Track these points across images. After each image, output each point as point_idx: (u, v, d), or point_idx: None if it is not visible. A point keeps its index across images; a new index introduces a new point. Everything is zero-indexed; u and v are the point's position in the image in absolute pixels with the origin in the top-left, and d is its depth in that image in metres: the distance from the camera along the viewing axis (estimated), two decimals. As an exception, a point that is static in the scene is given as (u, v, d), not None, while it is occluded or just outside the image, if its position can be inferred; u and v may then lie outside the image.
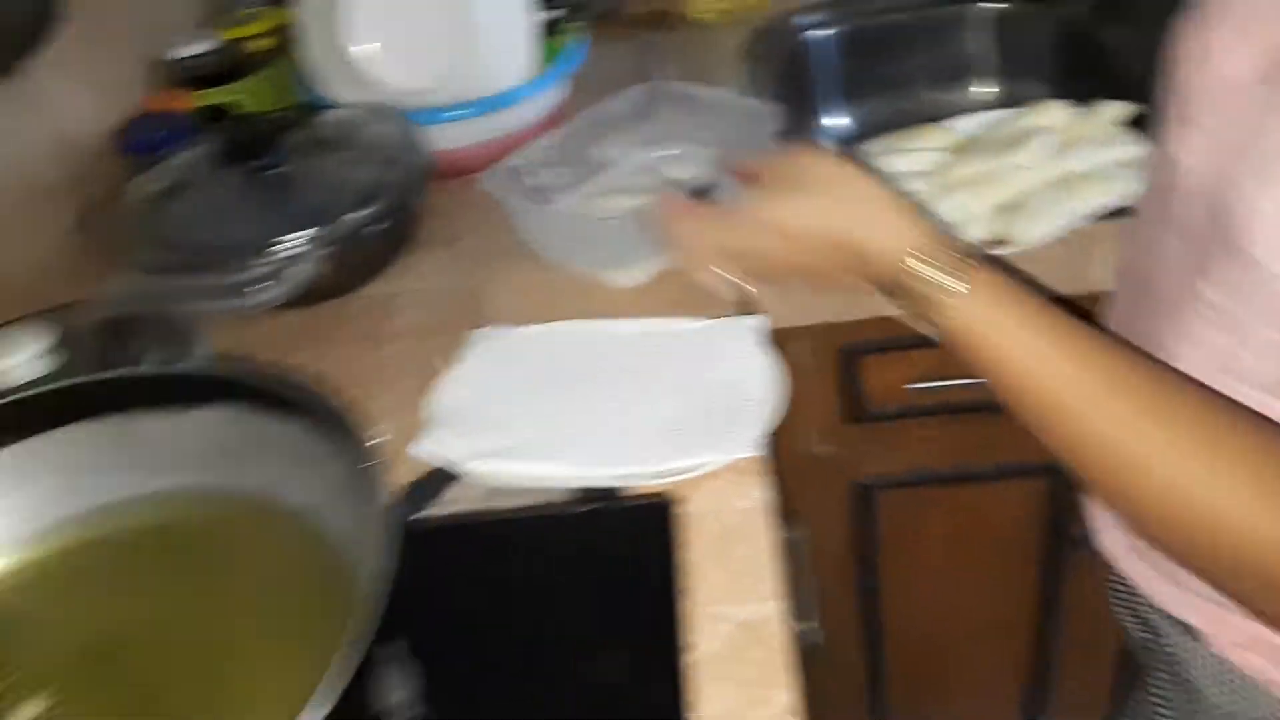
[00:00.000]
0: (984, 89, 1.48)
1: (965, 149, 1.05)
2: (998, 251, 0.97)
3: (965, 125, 1.09)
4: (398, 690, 0.58)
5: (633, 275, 1.02)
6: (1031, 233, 0.94)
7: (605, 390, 0.89)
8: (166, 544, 0.61)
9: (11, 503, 0.61)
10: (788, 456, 0.87)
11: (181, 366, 0.61)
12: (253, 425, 0.59)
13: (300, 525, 0.58)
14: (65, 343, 0.82)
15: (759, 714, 0.67)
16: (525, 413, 0.88)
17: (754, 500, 0.81)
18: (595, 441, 0.84)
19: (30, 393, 0.61)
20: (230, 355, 0.84)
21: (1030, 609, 1.39)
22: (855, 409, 1.20)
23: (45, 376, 0.80)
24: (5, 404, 0.62)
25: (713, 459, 0.81)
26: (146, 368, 0.62)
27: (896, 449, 1.25)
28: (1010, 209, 0.95)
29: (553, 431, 0.86)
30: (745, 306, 0.98)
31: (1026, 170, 0.95)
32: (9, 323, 0.86)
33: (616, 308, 1.00)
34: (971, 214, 0.95)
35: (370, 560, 0.51)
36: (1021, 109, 1.08)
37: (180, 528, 0.61)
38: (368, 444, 0.54)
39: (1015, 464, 1.23)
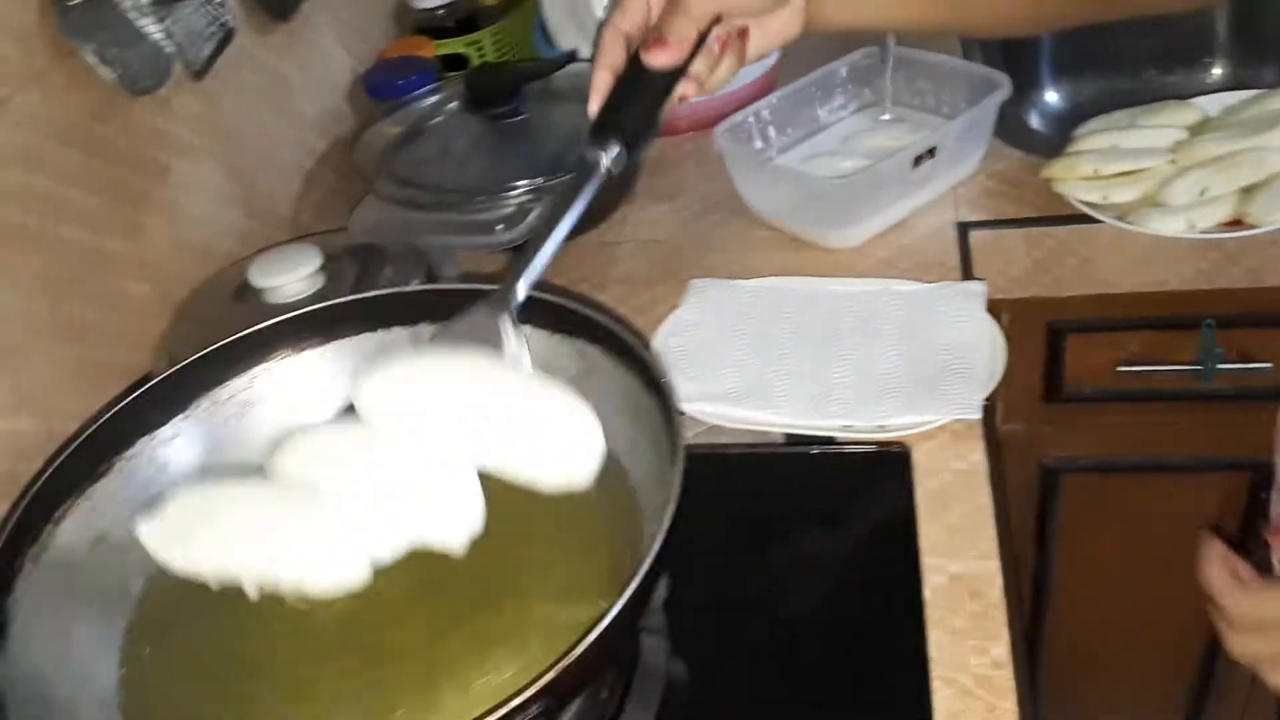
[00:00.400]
0: (1210, 71, 1.43)
1: (1204, 128, 1.03)
2: (1237, 233, 0.95)
3: (1207, 104, 1.06)
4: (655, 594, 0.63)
5: (849, 237, 1.04)
6: (1274, 215, 0.92)
7: (823, 344, 0.92)
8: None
9: (319, 395, 0.68)
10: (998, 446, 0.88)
11: (473, 285, 0.66)
12: (542, 343, 0.64)
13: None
14: (325, 266, 0.90)
15: (972, 662, 0.69)
16: (745, 360, 0.91)
17: (971, 463, 0.83)
18: (813, 392, 0.87)
19: (335, 302, 0.68)
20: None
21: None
22: (1054, 387, 1.18)
23: (314, 294, 0.88)
24: (314, 311, 0.69)
25: (932, 418, 0.83)
26: (440, 285, 0.67)
27: (1089, 432, 1.23)
28: (1253, 190, 0.93)
29: (771, 380, 0.89)
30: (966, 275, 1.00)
31: (1274, 152, 0.93)
32: (278, 245, 0.94)
33: (833, 268, 1.02)
34: (1212, 194, 0.93)
35: (657, 480, 0.55)
36: (1264, 91, 1.05)
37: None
38: (653, 366, 0.57)
39: (1212, 458, 1.19)
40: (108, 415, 0.61)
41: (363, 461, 0.54)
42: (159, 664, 0.57)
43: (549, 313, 0.64)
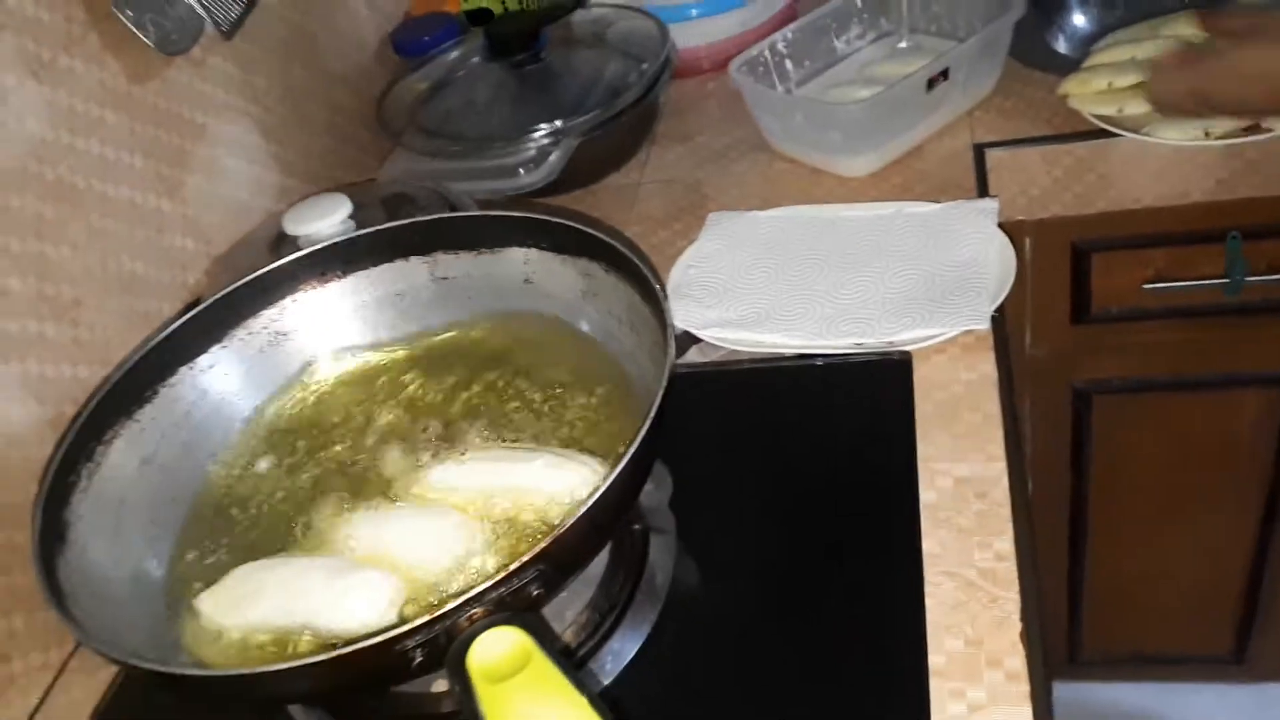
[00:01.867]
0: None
1: (1219, 36, 1.02)
2: (1253, 138, 0.95)
3: (1222, 13, 1.05)
4: (654, 494, 0.67)
5: (866, 164, 1.06)
6: (1289, 119, 0.91)
7: (837, 267, 0.94)
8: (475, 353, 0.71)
9: (344, 323, 0.73)
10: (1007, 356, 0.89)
11: (483, 212, 0.70)
12: (550, 264, 0.68)
13: (591, 344, 0.66)
14: (355, 214, 0.94)
15: (976, 557, 0.72)
16: (761, 287, 0.94)
17: (981, 373, 0.85)
18: (826, 314, 0.89)
19: (362, 232, 0.72)
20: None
21: (1250, 529, 1.35)
22: (1081, 309, 1.19)
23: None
24: (335, 244, 0.74)
25: (942, 331, 0.85)
26: (450, 214, 0.71)
27: (1119, 353, 1.23)
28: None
29: (786, 304, 0.91)
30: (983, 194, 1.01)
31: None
32: (313, 194, 0.98)
33: (850, 197, 1.04)
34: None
35: (652, 374, 0.58)
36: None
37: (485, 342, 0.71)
38: (651, 281, 0.61)
39: (1248, 373, 1.19)
40: (150, 346, 0.66)
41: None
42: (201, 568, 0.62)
43: (554, 235, 0.68)
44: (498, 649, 0.39)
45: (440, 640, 0.45)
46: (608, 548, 0.63)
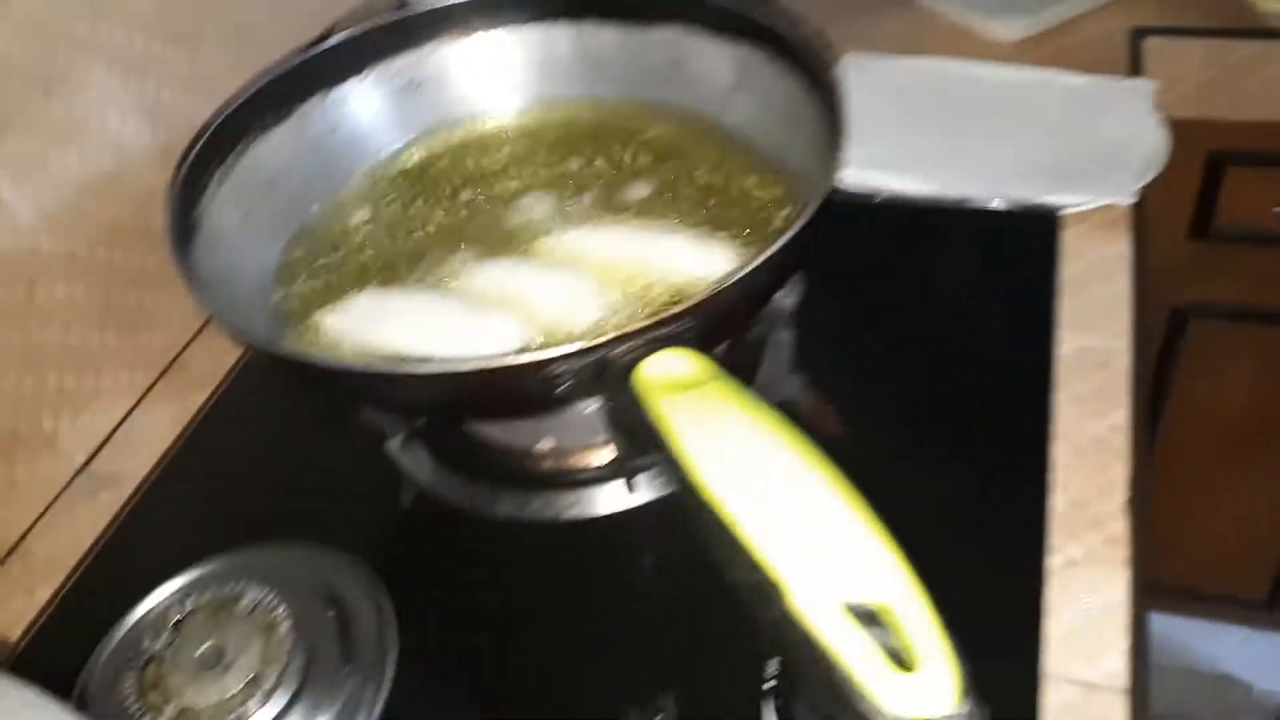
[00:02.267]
0: None
1: None
2: None
3: None
4: (788, 298, 0.64)
5: (1019, 28, 1.00)
6: None
7: (979, 126, 0.90)
8: (612, 130, 0.68)
9: (480, 82, 0.70)
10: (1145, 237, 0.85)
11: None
12: (702, 46, 0.65)
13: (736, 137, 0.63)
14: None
15: (1095, 426, 0.70)
16: (899, 134, 0.90)
17: (1116, 250, 0.81)
18: (965, 167, 0.86)
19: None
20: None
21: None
22: (1202, 223, 1.14)
23: None
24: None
25: (1084, 198, 0.81)
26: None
27: (1231, 277, 1.18)
28: None
29: (924, 153, 0.88)
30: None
31: None
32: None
33: (992, 58, 0.99)
34: None
35: (810, 171, 0.55)
36: None
37: (625, 121, 0.68)
38: (826, 71, 0.57)
39: (1362, 317, 1.14)
40: (294, 62, 0.64)
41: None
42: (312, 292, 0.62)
43: (712, 13, 0.64)
44: (668, 370, 0.37)
45: (588, 372, 0.43)
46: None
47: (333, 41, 0.66)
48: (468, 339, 0.54)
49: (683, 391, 0.36)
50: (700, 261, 0.57)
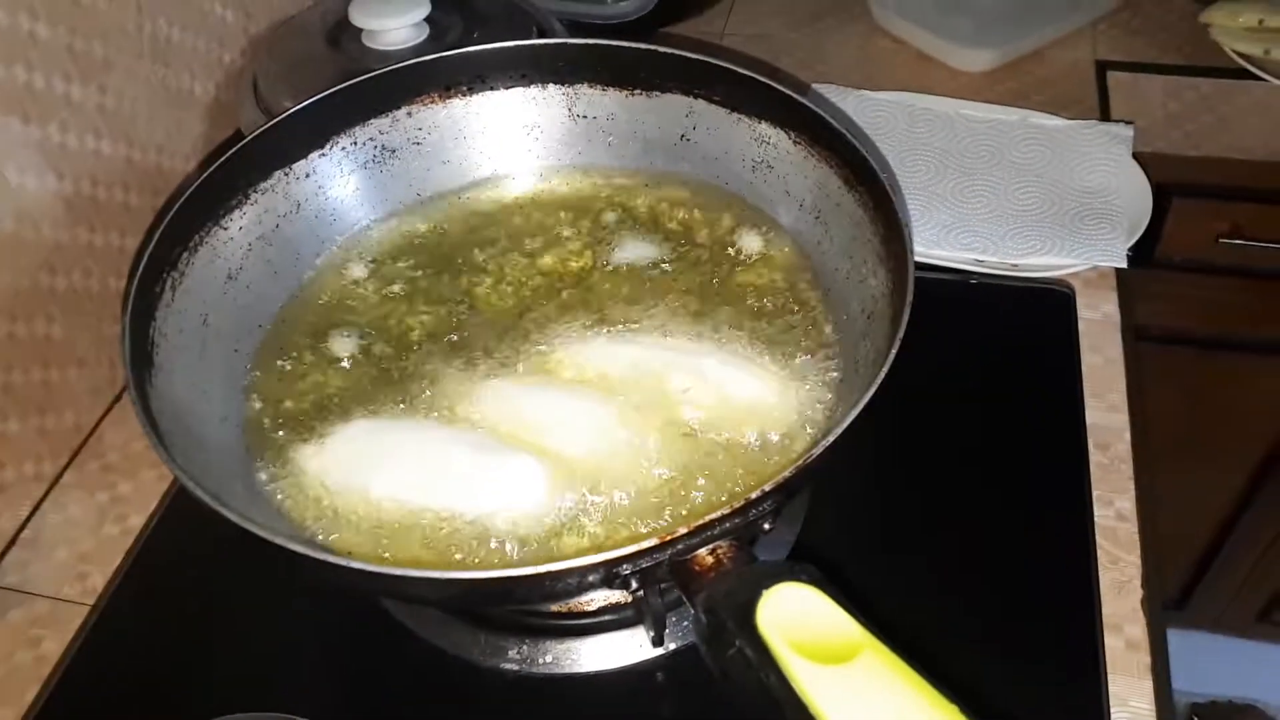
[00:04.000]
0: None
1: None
2: None
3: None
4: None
5: (986, 59, 0.97)
6: None
7: (955, 170, 0.86)
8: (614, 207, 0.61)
9: (463, 149, 0.62)
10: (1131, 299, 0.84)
11: (645, 45, 0.58)
12: (718, 121, 0.58)
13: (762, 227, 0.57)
14: (430, 19, 0.81)
15: (1097, 514, 0.67)
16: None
17: (1104, 313, 0.79)
18: (944, 221, 0.82)
19: (499, 46, 0.60)
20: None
21: (1233, 495, 1.36)
22: (1145, 252, 1.14)
23: (419, 45, 0.79)
24: (477, 52, 0.61)
25: (1071, 262, 0.79)
26: (602, 40, 0.59)
27: (1171, 302, 1.20)
28: None
29: (909, 206, 0.83)
30: (1104, 115, 0.93)
31: None
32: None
33: (959, 92, 0.95)
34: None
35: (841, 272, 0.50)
36: None
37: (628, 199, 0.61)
38: (873, 168, 0.51)
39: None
40: (250, 139, 0.54)
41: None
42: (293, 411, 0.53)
43: (732, 87, 0.58)
44: (794, 613, 0.31)
45: (658, 569, 0.38)
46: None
47: (292, 111, 0.56)
48: (484, 486, 0.47)
49: (824, 659, 0.30)
50: (742, 386, 0.51)
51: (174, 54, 0.77)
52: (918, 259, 0.80)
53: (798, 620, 0.32)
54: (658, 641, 0.50)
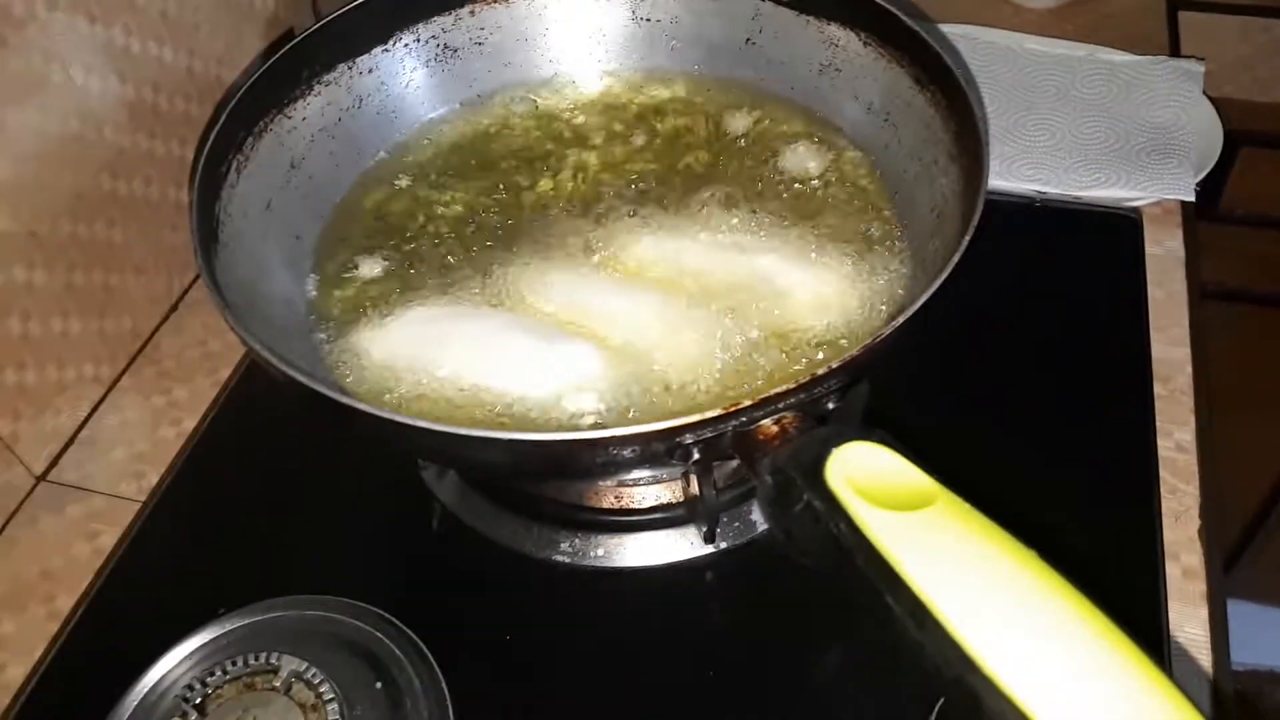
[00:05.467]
0: None
1: None
2: None
3: None
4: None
5: (1051, -5, 0.94)
6: None
7: (1019, 105, 0.84)
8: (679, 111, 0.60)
9: (526, 50, 0.61)
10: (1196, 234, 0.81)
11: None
12: (785, 22, 0.57)
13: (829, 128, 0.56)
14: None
15: (1163, 444, 0.66)
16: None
17: (1167, 248, 0.77)
18: (1005, 152, 0.80)
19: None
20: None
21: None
22: (1209, 203, 1.11)
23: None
24: None
25: (1137, 195, 0.77)
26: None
27: (1231, 258, 1.17)
28: None
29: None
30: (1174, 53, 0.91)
31: None
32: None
33: (1025, 28, 0.93)
34: None
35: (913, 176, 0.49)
36: None
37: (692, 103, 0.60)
38: (947, 63, 0.50)
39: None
40: (313, 29, 0.54)
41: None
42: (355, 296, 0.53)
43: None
44: (865, 469, 0.31)
45: (721, 440, 0.37)
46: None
47: (355, 4, 0.56)
48: (543, 371, 0.46)
49: (895, 508, 0.30)
50: (807, 281, 0.50)
51: (235, -35, 0.77)
52: (997, 189, 0.78)
53: (868, 474, 0.31)
54: (709, 538, 0.49)
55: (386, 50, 0.58)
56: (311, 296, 0.53)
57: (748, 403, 0.36)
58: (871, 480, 0.31)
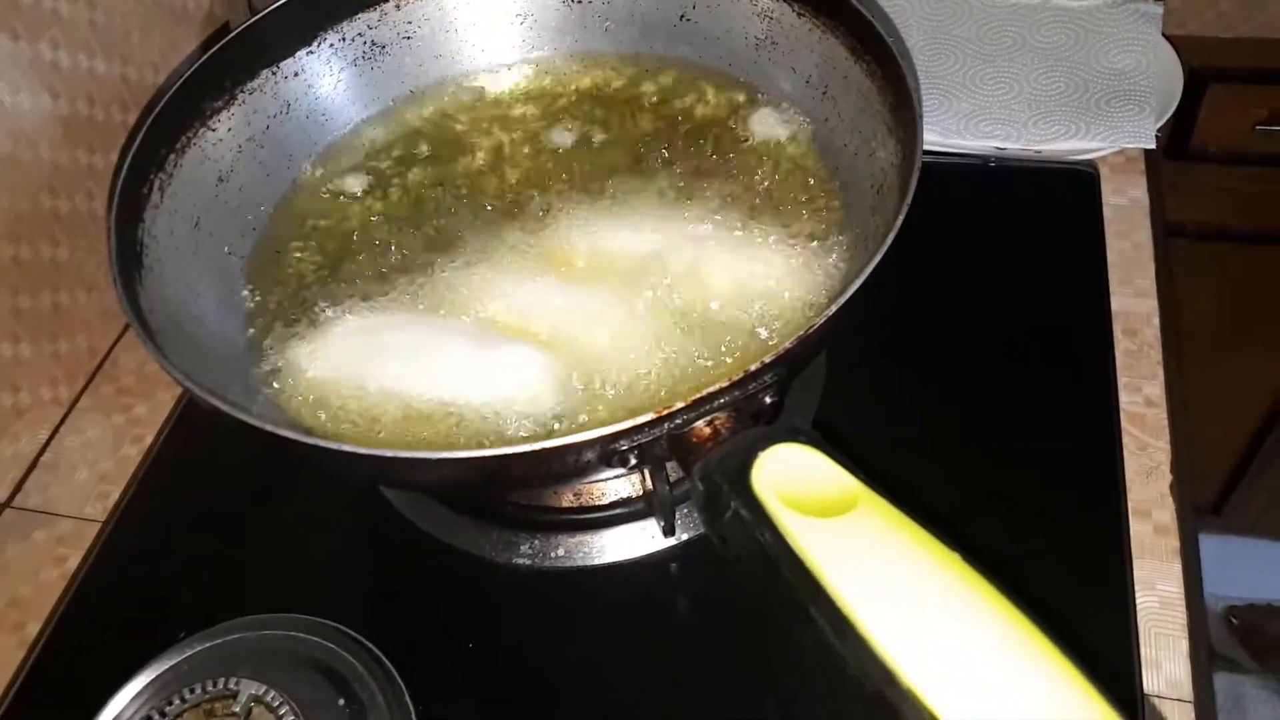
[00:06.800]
0: None
1: None
2: None
3: None
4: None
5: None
6: None
7: (975, 57, 0.83)
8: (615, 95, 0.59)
9: (453, 42, 0.60)
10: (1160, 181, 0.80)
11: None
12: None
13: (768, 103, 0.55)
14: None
15: (1123, 401, 0.65)
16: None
17: (1131, 197, 0.76)
18: (964, 109, 0.79)
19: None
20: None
21: (1272, 395, 1.33)
22: (1179, 143, 1.10)
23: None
24: None
25: (1096, 145, 0.76)
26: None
27: (1205, 195, 1.16)
28: None
29: (933, 98, 0.80)
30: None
31: None
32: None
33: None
34: None
35: (852, 149, 0.48)
36: None
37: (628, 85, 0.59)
38: (880, 34, 0.49)
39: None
40: (227, 39, 0.52)
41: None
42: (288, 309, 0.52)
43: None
44: (790, 472, 0.30)
45: (656, 445, 0.36)
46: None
47: (275, 7, 0.54)
48: (482, 378, 0.46)
49: (819, 513, 0.29)
50: (747, 265, 0.49)
51: (163, -33, 0.75)
52: (938, 148, 0.77)
53: (794, 478, 0.31)
54: (668, 531, 0.49)
55: (311, 52, 0.57)
56: (247, 311, 0.52)
57: (677, 406, 0.35)
58: (797, 485, 0.30)
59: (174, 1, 0.77)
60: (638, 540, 0.52)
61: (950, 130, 0.78)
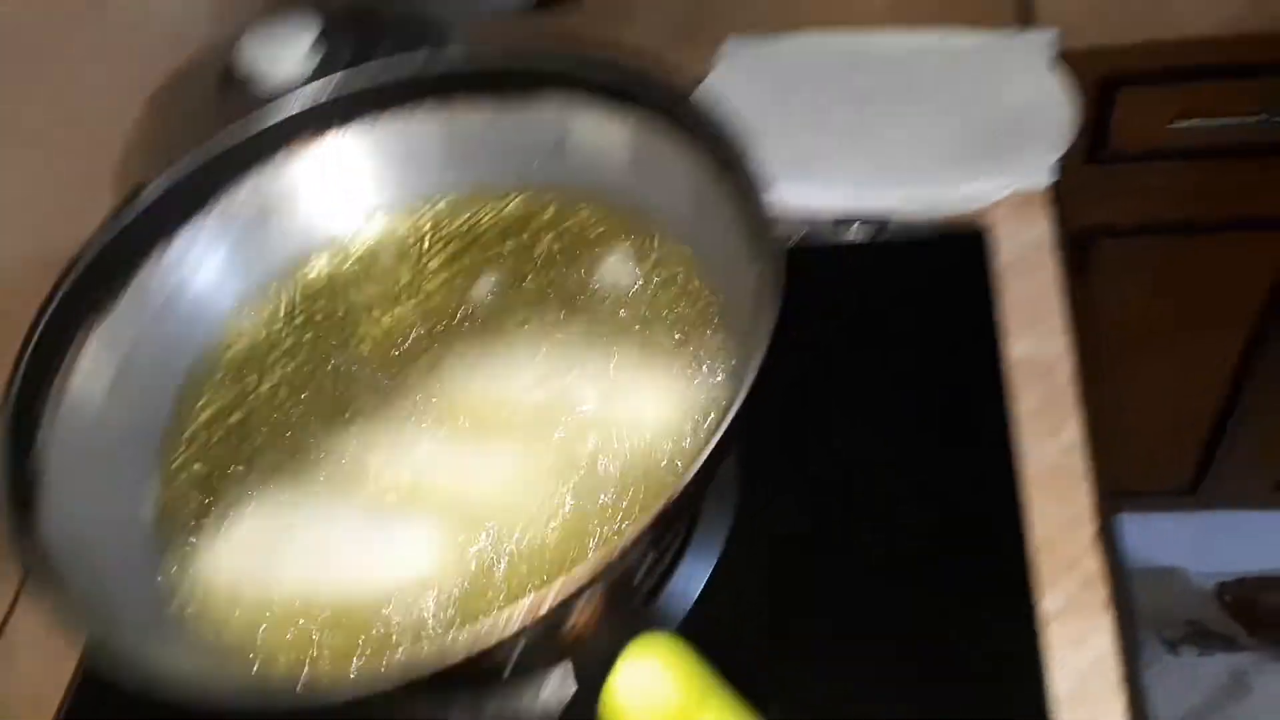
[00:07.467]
0: None
1: None
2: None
3: None
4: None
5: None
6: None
7: (875, 108, 0.83)
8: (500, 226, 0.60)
9: (338, 195, 0.61)
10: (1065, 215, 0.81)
11: (507, 57, 0.57)
12: (592, 120, 0.56)
13: (644, 226, 0.56)
14: (322, 39, 0.80)
15: (1047, 448, 0.66)
16: (788, 133, 0.83)
17: (1039, 233, 0.77)
18: (866, 163, 0.80)
19: (358, 82, 0.59)
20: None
21: (1231, 362, 1.34)
22: (1098, 147, 1.11)
23: (316, 70, 0.78)
24: (345, 87, 0.60)
25: (1001, 186, 0.77)
26: (471, 60, 0.57)
27: (1132, 196, 1.17)
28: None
29: (818, 152, 0.81)
30: (1026, 19, 0.90)
31: None
32: (277, 16, 0.83)
33: (874, 17, 0.92)
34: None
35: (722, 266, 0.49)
36: None
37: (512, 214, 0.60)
38: (736, 151, 0.50)
39: (1268, 217, 1.14)
40: (112, 231, 0.53)
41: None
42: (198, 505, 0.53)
43: (596, 77, 0.56)
44: (647, 686, 0.31)
45: (549, 641, 0.37)
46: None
47: (150, 193, 0.55)
48: (379, 560, 0.46)
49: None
50: (638, 396, 0.50)
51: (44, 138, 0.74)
52: (831, 217, 0.78)
53: (648, 692, 0.31)
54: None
55: (197, 225, 0.57)
56: (152, 516, 0.52)
57: (520, 624, 0.35)
58: (651, 699, 0.31)
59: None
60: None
61: (853, 192, 0.78)
